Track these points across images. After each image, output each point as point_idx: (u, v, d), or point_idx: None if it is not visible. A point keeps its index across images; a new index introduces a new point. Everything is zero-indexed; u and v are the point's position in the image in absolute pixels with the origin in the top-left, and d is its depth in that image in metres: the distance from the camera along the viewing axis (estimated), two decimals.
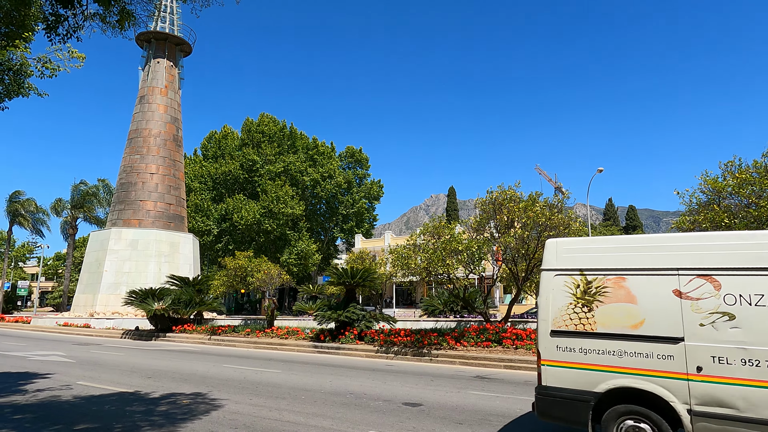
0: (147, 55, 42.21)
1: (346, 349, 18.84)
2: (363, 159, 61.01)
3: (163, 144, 40.70)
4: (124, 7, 7.68)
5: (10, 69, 9.11)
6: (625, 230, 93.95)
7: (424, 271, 16.85)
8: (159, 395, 10.60)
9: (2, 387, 11.62)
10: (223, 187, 56.41)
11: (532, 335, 16.19)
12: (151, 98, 41.02)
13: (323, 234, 60.53)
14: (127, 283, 34.71)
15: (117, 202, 39.94)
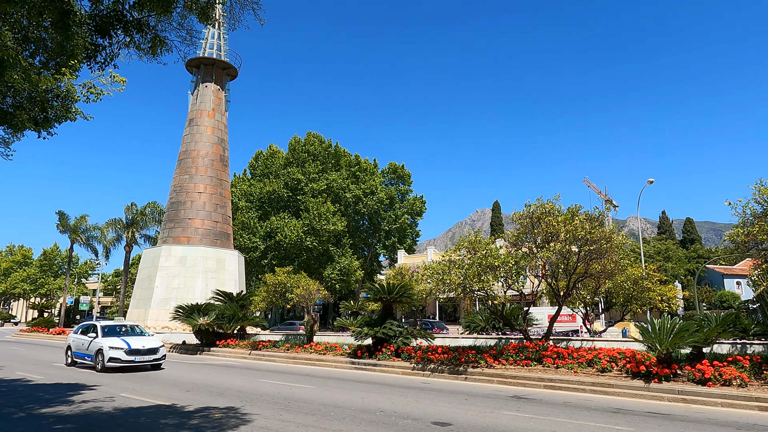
0: (196, 80, 44.24)
1: (382, 365, 18.69)
2: (405, 175, 61.19)
3: (210, 164, 42.30)
4: (157, 35, 8.10)
5: (58, 95, 9.75)
6: (682, 244, 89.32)
7: (459, 288, 16.55)
8: (194, 408, 10.83)
9: (52, 397, 12.21)
10: (268, 206, 57.88)
11: (574, 354, 15.53)
12: (199, 120, 42.86)
13: (366, 250, 60.84)
14: (176, 299, 35.97)
15: (167, 220, 41.69)
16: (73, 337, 19.84)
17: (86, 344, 18.54)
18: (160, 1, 7.23)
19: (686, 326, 13.41)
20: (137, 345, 17.58)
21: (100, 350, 17.66)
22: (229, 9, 9.05)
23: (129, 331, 19.62)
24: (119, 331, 19.33)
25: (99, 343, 17.80)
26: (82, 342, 18.95)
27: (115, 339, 17.89)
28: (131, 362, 17.37)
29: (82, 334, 19.32)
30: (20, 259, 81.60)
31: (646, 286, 20.98)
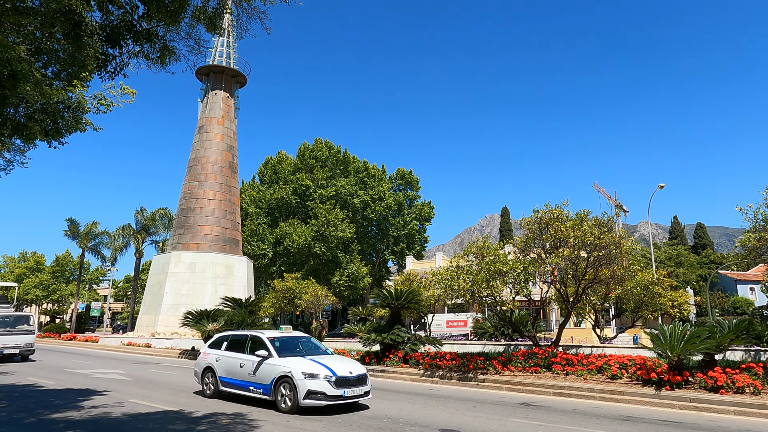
0: (205, 88, 44.69)
1: (390, 371, 18.65)
2: (413, 180, 61.22)
3: (219, 171, 42.63)
4: (165, 44, 8.22)
5: (69, 107, 9.90)
6: (694, 249, 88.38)
7: (467, 294, 16.50)
8: (201, 414, 10.87)
9: (63, 403, 12.32)
10: (277, 212, 58.14)
11: (584, 361, 15.41)
12: (208, 128, 43.25)
13: (374, 256, 60.85)
14: (185, 305, 36.16)
15: (177, 226, 42.02)
16: (213, 355, 13.52)
17: (248, 366, 12.25)
18: (168, 12, 7.35)
19: (698, 333, 13.26)
20: (342, 371, 11.32)
21: (284, 379, 11.30)
22: (237, 18, 9.17)
23: (307, 346, 13.28)
24: (297, 346, 13.11)
25: (279, 367, 11.50)
26: (236, 362, 12.63)
27: (305, 361, 11.56)
28: (339, 398, 11.15)
29: (231, 350, 13.13)
30: (33, 265, 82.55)
31: (657, 291, 20.77)
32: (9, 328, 23.62)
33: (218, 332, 26.89)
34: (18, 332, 23.61)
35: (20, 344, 23.39)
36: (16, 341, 23.38)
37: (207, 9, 8.49)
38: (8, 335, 23.26)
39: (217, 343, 13.92)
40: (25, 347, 23.67)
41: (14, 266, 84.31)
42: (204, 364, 13.61)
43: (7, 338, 23.14)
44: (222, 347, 13.50)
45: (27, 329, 24.14)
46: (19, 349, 23.33)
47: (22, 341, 23.50)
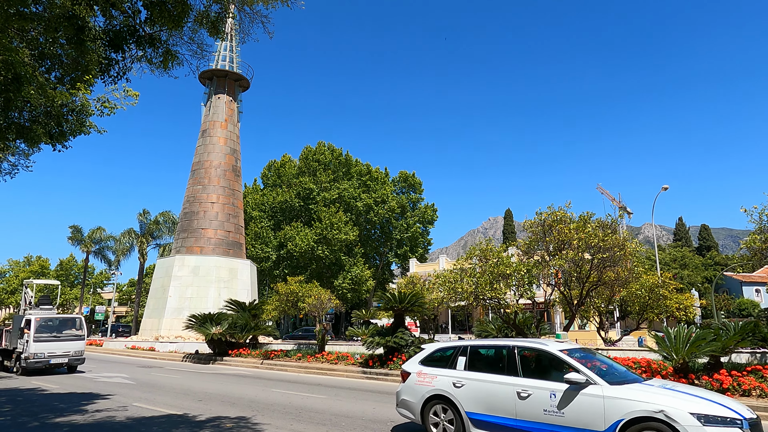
0: (209, 92, 44.86)
1: (394, 375, 18.57)
2: (416, 183, 61.19)
3: (222, 174, 42.73)
4: (168, 49, 8.26)
5: (72, 110, 9.95)
6: (698, 251, 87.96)
7: (471, 296, 16.46)
8: (205, 418, 10.86)
9: (66, 407, 12.34)
10: (280, 215, 58.21)
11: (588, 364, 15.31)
12: (212, 132, 43.39)
13: (378, 259, 60.81)
14: (189, 308, 36.23)
15: (181, 230, 42.12)
16: (445, 377, 8.59)
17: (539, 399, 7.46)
18: (171, 16, 7.38)
19: (703, 335, 13.16)
20: (740, 409, 6.90)
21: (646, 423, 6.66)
22: (239, 22, 9.20)
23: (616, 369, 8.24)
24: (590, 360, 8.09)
25: (625, 403, 6.87)
26: (508, 391, 7.80)
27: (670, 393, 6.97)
28: None
29: (483, 371, 8.28)
30: (38, 269, 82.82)
31: (662, 294, 20.67)
32: (55, 333, 20.29)
33: (221, 335, 26.93)
34: (65, 338, 20.41)
35: (68, 352, 20.25)
36: (64, 348, 20.20)
37: (210, 13, 8.51)
38: (54, 341, 20.01)
39: (443, 360, 8.90)
40: (74, 356, 20.51)
41: (19, 270, 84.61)
42: (426, 392, 8.61)
43: (53, 345, 19.92)
44: (459, 365, 8.56)
45: (75, 334, 20.88)
46: (67, 357, 20.20)
47: (70, 348, 20.37)
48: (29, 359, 19.33)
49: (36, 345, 19.41)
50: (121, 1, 7.32)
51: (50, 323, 20.60)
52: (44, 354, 19.58)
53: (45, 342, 19.69)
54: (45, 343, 19.69)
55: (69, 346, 20.40)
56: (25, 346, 19.47)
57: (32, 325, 19.60)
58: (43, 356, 19.54)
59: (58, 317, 21.50)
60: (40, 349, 19.55)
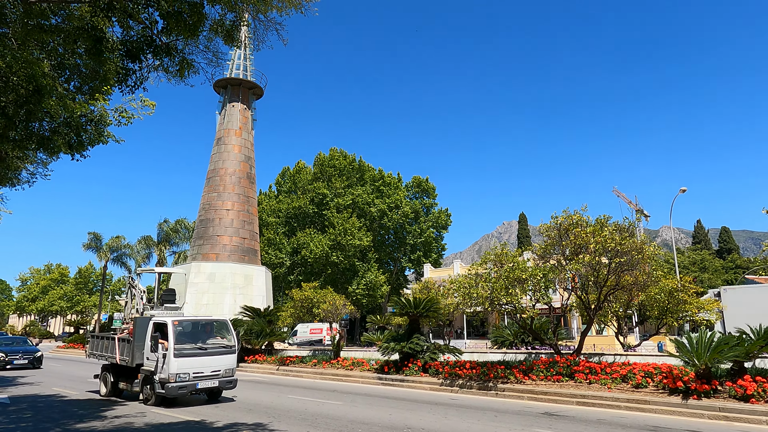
0: (223, 100, 45.35)
1: (410, 381, 18.50)
2: (430, 188, 61.09)
3: (237, 182, 43.10)
4: (184, 58, 8.37)
5: (91, 120, 10.12)
6: (718, 254, 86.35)
7: (487, 301, 16.32)
8: (222, 424, 10.90)
9: (87, 413, 12.48)
10: (294, 221, 58.49)
11: (607, 369, 15.08)
12: (226, 139, 43.82)
13: (392, 264, 60.72)
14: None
15: (197, 237, 42.52)
16: None
17: None
18: (187, 26, 7.47)
19: (726, 340, 12.89)
20: None
21: None
22: (254, 30, 9.29)
23: None
24: None
25: None
26: None
27: None
28: None
29: None
30: (57, 277, 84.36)
31: (681, 298, 20.28)
32: (200, 344, 13.99)
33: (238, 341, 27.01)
34: (213, 350, 14.08)
35: (218, 371, 13.91)
36: (213, 366, 13.90)
37: (224, 22, 8.61)
38: (201, 355, 13.73)
39: None
40: (225, 376, 14.11)
41: (40, 278, 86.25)
42: None
43: (199, 362, 13.65)
44: None
45: (224, 345, 14.39)
46: (217, 379, 13.87)
47: (220, 365, 14.02)
48: (170, 383, 12.95)
49: (178, 362, 13.13)
50: (138, 11, 7.44)
51: (194, 330, 14.46)
52: (189, 375, 13.24)
53: (189, 357, 13.38)
54: (189, 358, 13.38)
55: (219, 362, 13.98)
56: (161, 362, 13.24)
57: (170, 332, 13.28)
58: (188, 378, 13.21)
59: (198, 320, 15.43)
60: (184, 368, 13.22)
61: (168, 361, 13.22)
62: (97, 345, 16.82)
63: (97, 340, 16.88)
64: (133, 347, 14.53)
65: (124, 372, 15.27)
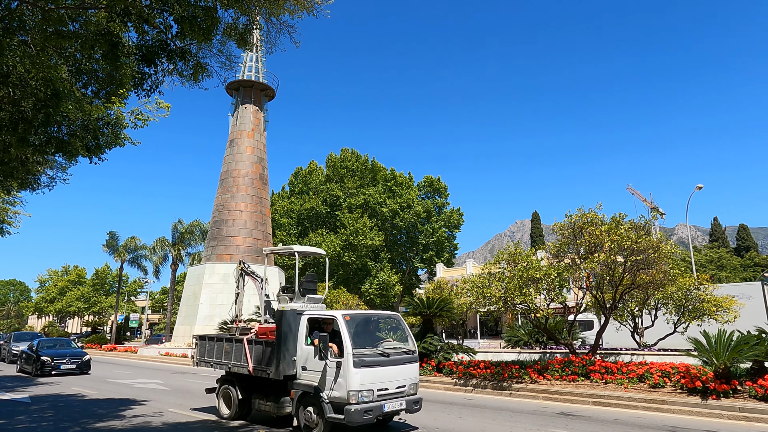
0: (236, 102, 45.72)
1: (423, 381, 18.44)
2: (441, 188, 60.94)
3: (250, 183, 43.41)
4: (198, 61, 8.47)
5: (108, 123, 10.28)
6: (736, 251, 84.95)
7: (500, 301, 16.24)
8: (237, 424, 11.01)
9: (106, 412, 12.67)
10: (307, 222, 58.74)
11: (624, 369, 14.93)
12: (239, 141, 44.17)
13: (404, 264, 60.70)
14: (220, 315, 36.77)
15: (211, 238, 42.92)
16: None
17: None
18: (201, 30, 7.56)
19: (745, 339, 12.70)
20: None
21: None
22: (266, 33, 9.37)
23: None
24: None
25: None
26: None
27: None
28: None
29: None
30: (75, 278, 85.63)
31: (700, 297, 19.99)
32: (381, 348, 9.83)
33: None
34: (396, 357, 9.96)
35: (403, 386, 9.98)
36: (399, 378, 9.96)
37: (237, 26, 8.70)
38: (385, 365, 9.73)
39: None
40: (410, 394, 10.14)
41: (57, 280, 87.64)
42: None
43: (384, 373, 9.70)
44: None
45: (405, 351, 10.27)
46: (403, 398, 9.90)
47: (405, 378, 10.09)
48: (350, 404, 9.01)
49: (360, 374, 9.19)
50: (153, 16, 7.55)
51: (363, 328, 10.27)
52: (373, 392, 9.29)
53: (372, 367, 9.43)
54: (372, 369, 9.42)
55: (404, 373, 9.99)
56: (331, 375, 9.38)
57: (345, 331, 9.38)
58: (372, 397, 9.26)
59: (370, 315, 11.19)
60: (367, 383, 9.27)
61: (346, 372, 9.06)
62: (211, 349, 12.50)
63: (211, 343, 12.59)
64: (280, 352, 10.09)
65: (260, 386, 11.18)
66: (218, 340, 12.40)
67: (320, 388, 9.47)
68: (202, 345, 12.96)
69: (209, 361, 12.50)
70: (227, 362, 11.75)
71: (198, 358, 13.01)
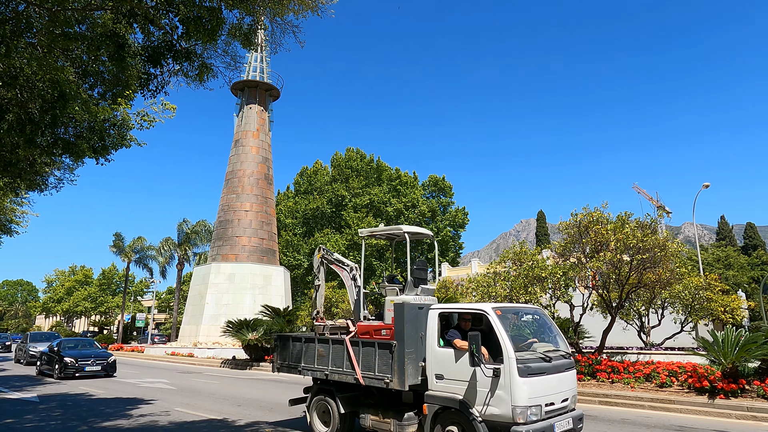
0: (240, 102, 45.84)
1: None
2: (446, 187, 60.92)
3: (255, 183, 43.53)
4: (203, 62, 8.50)
5: (114, 124, 10.34)
6: (744, 250, 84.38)
7: (505, 300, 16.21)
8: (244, 423, 11.04)
9: (113, 411, 12.75)
10: (312, 222, 58.86)
11: (630, 368, 14.87)
12: (244, 141, 44.30)
13: None
14: (225, 315, 36.93)
15: (216, 238, 43.07)
16: None
17: None
18: (206, 31, 7.59)
19: (753, 338, 12.62)
20: None
21: None
22: (271, 33, 9.39)
23: None
24: None
25: None
26: None
27: None
28: None
29: None
30: (81, 278, 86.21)
31: (706, 296, 19.90)
32: (542, 354, 7.70)
33: (258, 341, 27.28)
34: (557, 363, 7.77)
35: (566, 400, 7.83)
36: (563, 390, 7.81)
37: (242, 26, 8.71)
38: (551, 374, 7.58)
39: None
40: (571, 409, 8.00)
41: (64, 280, 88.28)
42: None
43: (549, 384, 7.52)
44: None
45: (562, 354, 8.09)
46: (571, 416, 7.77)
47: (568, 389, 7.95)
48: (520, 426, 7.01)
49: (528, 386, 7.20)
50: (158, 17, 7.58)
51: (512, 325, 8.31)
52: (541, 409, 7.32)
53: (537, 376, 7.40)
54: (538, 378, 7.40)
55: (565, 383, 7.98)
56: (489, 387, 7.37)
57: (501, 331, 7.47)
58: (540, 415, 7.28)
59: (518, 309, 9.11)
60: (535, 396, 7.29)
61: (508, 383, 7.12)
62: (297, 352, 10.27)
63: (298, 345, 10.33)
64: (402, 356, 8.19)
65: (369, 397, 9.28)
66: (307, 341, 10.10)
67: (468, 402, 7.41)
68: (285, 347, 10.68)
69: (295, 366, 10.19)
70: (323, 368, 9.48)
71: (279, 363, 10.67)
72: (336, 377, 9.19)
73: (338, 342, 9.36)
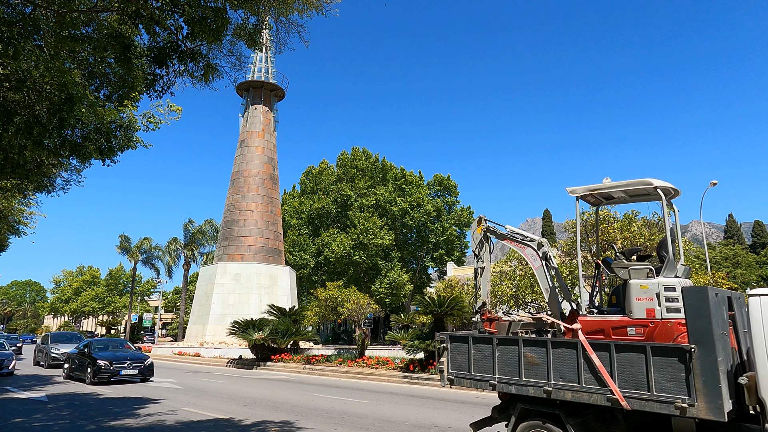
0: (246, 103, 45.98)
1: (435, 379, 18.45)
2: (451, 186, 60.78)
3: (261, 183, 43.66)
4: (209, 62, 8.53)
5: (120, 126, 10.40)
6: (752, 248, 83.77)
7: (511, 299, 16.19)
8: (251, 422, 11.07)
9: (121, 411, 12.82)
10: (318, 222, 58.92)
11: None
12: (249, 141, 44.43)
13: (414, 263, 60.67)
14: (232, 314, 37.09)
15: (222, 238, 43.24)
16: None
17: None
18: (211, 31, 7.61)
19: None
20: None
21: None
22: (276, 33, 9.41)
23: None
24: None
25: None
26: None
27: None
28: None
29: None
30: (89, 279, 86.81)
31: None
32: None
33: (264, 341, 27.38)
34: None
35: None
36: None
37: (247, 26, 8.74)
38: None
39: None
40: None
41: (72, 280, 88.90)
42: None
43: None
44: None
45: None
46: None
47: None
48: None
49: None
50: (164, 18, 7.61)
51: None
52: None
53: None
54: None
55: None
56: None
57: None
58: None
59: None
60: None
61: None
62: (484, 358, 7.29)
63: (484, 348, 7.33)
64: (710, 368, 5.54)
65: (616, 425, 6.74)
66: (504, 343, 7.12)
67: None
68: (461, 351, 7.51)
69: (486, 378, 7.15)
70: (537, 382, 6.67)
71: (456, 374, 7.54)
72: (569, 396, 6.39)
73: (564, 345, 6.60)
